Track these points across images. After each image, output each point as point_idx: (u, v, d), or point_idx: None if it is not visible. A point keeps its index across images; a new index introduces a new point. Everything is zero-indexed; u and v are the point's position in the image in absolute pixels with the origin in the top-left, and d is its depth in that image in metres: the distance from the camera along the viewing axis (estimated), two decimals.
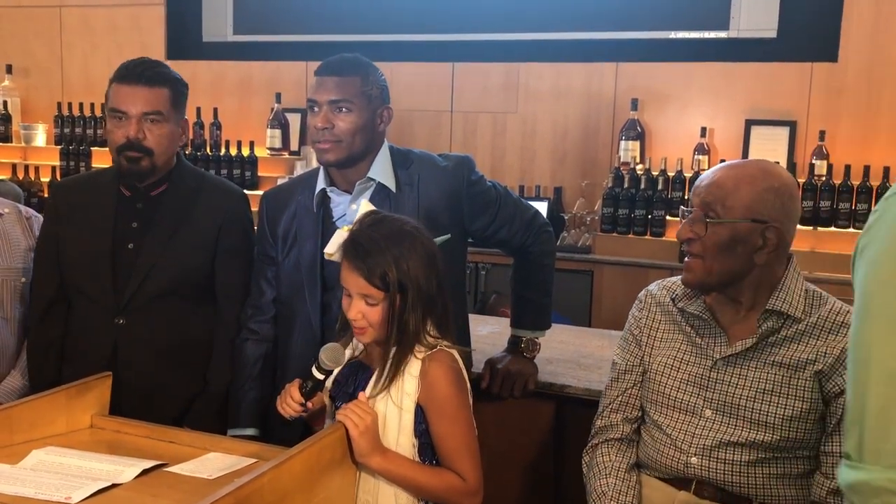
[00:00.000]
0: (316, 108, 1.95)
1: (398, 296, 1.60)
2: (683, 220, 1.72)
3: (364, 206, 1.71)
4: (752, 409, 1.69)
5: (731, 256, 1.66)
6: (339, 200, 2.03)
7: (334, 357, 1.62)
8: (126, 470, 1.54)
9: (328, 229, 1.99)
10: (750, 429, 1.69)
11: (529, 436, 2.31)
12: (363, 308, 1.62)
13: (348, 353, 1.73)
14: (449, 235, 1.86)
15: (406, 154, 2.06)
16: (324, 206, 2.04)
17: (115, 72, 2.08)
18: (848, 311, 1.69)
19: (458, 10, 4.73)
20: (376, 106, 1.98)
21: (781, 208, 1.66)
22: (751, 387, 1.70)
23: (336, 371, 1.70)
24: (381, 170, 1.99)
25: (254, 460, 1.62)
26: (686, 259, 1.72)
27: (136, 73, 2.04)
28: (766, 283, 1.70)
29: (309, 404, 1.66)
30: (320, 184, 2.03)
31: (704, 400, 1.73)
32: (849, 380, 0.98)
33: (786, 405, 1.67)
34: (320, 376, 1.63)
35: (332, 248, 1.66)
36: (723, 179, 1.67)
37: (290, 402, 1.65)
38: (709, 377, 1.73)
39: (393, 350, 1.63)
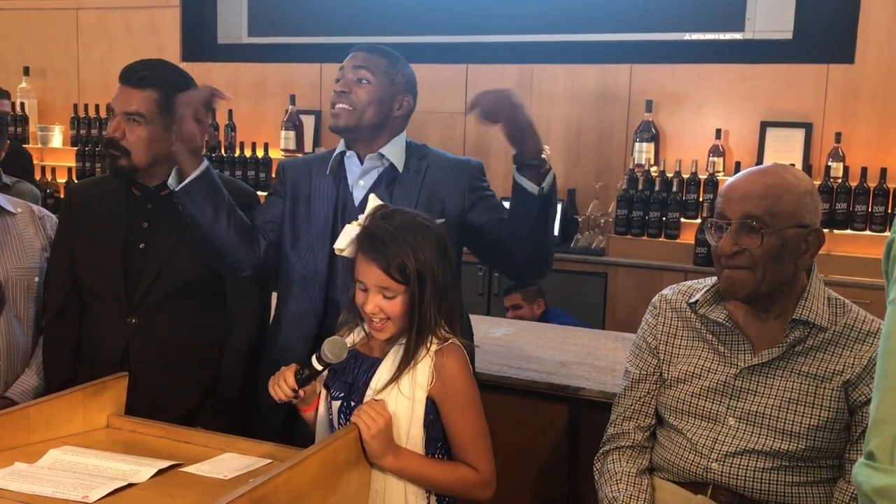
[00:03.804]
0: (340, 80, 2.01)
1: (417, 287, 1.59)
2: (716, 235, 1.68)
3: (372, 200, 1.72)
4: (778, 418, 1.67)
5: (780, 264, 1.65)
6: (354, 170, 2.05)
7: (337, 351, 1.61)
8: (142, 470, 1.54)
9: (342, 192, 2.02)
10: (774, 438, 1.67)
11: (543, 437, 2.31)
12: (381, 302, 1.61)
13: (347, 341, 1.72)
14: (443, 220, 1.89)
15: (423, 147, 2.09)
16: (340, 172, 2.06)
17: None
18: (873, 320, 1.69)
19: (472, 11, 4.74)
20: (397, 91, 2.02)
21: (815, 210, 1.67)
22: (777, 396, 1.68)
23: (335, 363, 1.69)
24: (394, 151, 2.02)
25: (269, 461, 1.63)
26: (727, 272, 1.68)
27: (129, 72, 2.06)
28: (793, 291, 1.69)
29: (301, 392, 1.65)
30: (339, 148, 2.06)
31: (728, 408, 1.72)
32: (879, 376, 0.93)
33: (811, 415, 1.66)
34: (319, 367, 1.62)
35: (343, 242, 1.66)
36: (761, 188, 1.65)
37: (283, 386, 1.63)
38: (733, 385, 1.72)
39: (406, 341, 1.63)
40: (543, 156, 1.83)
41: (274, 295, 2.18)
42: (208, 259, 2.04)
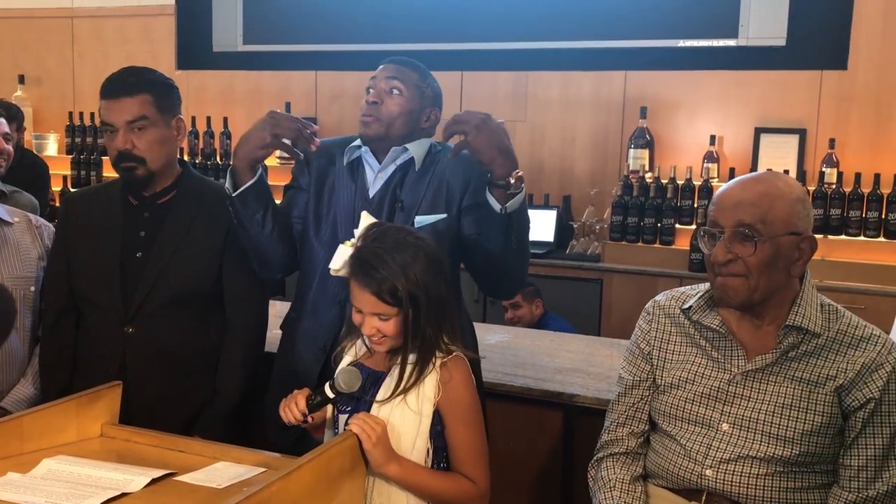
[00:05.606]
0: (371, 90, 2.03)
1: (410, 308, 1.61)
2: (709, 243, 1.69)
3: (365, 218, 1.73)
4: (772, 423, 1.68)
5: (773, 272, 1.66)
6: (372, 162, 2.06)
7: (350, 382, 1.63)
8: (136, 479, 1.54)
9: (360, 183, 2.04)
10: (768, 443, 1.68)
11: (538, 444, 2.31)
12: (377, 324, 1.63)
13: (349, 357, 1.75)
14: (445, 215, 1.94)
15: (439, 143, 2.10)
16: (359, 162, 2.07)
17: (101, 87, 2.09)
18: (865, 326, 1.70)
19: (467, 18, 4.75)
20: (426, 104, 2.06)
21: (808, 217, 1.68)
22: (770, 401, 1.69)
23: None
24: (418, 148, 2.04)
25: (263, 470, 1.63)
26: (721, 279, 1.68)
27: (116, 84, 2.06)
28: (786, 297, 1.70)
29: (310, 418, 1.67)
30: (357, 142, 2.07)
31: (722, 414, 1.72)
32: None
33: (805, 420, 1.66)
34: (331, 395, 1.65)
35: (337, 263, 1.68)
36: (754, 197, 1.65)
37: (294, 409, 1.65)
38: (727, 391, 1.72)
39: (412, 357, 1.64)
40: (513, 179, 1.88)
41: (275, 303, 2.18)
42: (251, 262, 2.07)
